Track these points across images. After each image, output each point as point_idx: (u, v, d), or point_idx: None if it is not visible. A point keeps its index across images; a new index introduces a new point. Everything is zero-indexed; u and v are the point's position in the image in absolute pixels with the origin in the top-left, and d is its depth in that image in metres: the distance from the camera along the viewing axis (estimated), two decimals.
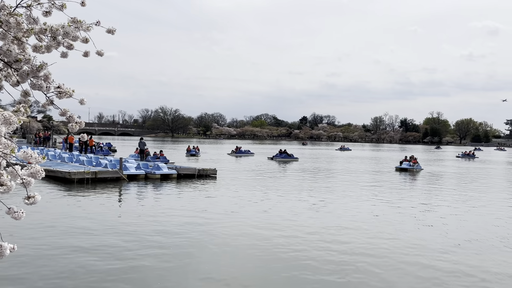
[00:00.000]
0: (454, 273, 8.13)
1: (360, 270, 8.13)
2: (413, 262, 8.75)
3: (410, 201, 17.16)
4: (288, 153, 43.24)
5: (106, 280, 7.27)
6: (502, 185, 25.95)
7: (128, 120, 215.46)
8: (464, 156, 59.59)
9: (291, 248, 9.50)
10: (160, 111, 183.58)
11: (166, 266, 8.06)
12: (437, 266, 8.47)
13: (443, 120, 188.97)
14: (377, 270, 8.15)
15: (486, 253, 9.67)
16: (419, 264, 8.62)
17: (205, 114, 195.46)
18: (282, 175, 26.73)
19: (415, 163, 32.57)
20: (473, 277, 7.98)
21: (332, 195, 18.02)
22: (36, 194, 1.98)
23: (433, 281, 7.65)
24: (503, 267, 8.69)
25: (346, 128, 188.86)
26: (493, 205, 16.87)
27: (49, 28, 2.14)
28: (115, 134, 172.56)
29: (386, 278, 7.79)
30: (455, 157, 59.42)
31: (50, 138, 46.58)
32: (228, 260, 8.71)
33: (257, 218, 12.61)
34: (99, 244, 9.31)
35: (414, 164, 32.37)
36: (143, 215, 12.70)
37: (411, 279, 7.79)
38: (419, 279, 7.76)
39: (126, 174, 20.97)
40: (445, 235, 11.16)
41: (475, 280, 7.84)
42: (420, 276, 7.93)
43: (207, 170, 23.68)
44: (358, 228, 11.70)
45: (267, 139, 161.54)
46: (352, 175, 27.99)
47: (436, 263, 8.66)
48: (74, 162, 25.63)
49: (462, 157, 59.01)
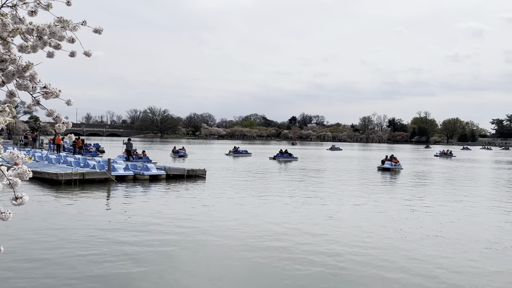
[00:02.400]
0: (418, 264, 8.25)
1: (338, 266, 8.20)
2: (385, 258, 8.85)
3: (392, 199, 17.34)
4: (289, 153, 44.62)
5: (90, 281, 7.21)
6: (476, 182, 26.34)
7: (117, 120, 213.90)
8: (441, 155, 61.00)
9: (274, 244, 9.53)
10: (149, 112, 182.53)
11: (152, 267, 8.02)
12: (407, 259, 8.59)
13: (430, 120, 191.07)
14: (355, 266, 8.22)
15: (446, 247, 9.83)
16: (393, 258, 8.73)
17: (194, 114, 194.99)
18: (272, 175, 26.76)
19: (396, 163, 32.93)
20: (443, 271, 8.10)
21: (317, 195, 18.12)
22: (23, 195, 1.96)
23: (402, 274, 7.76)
24: (478, 262, 8.84)
25: (335, 128, 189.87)
26: (466, 201, 17.14)
27: (35, 27, 2.13)
28: (103, 134, 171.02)
29: (363, 272, 7.87)
30: (433, 156, 60.48)
31: (37, 139, 45.99)
32: (214, 261, 8.70)
33: (244, 218, 12.62)
34: (86, 246, 9.23)
35: (396, 164, 32.73)
36: (131, 217, 12.62)
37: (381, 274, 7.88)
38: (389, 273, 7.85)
39: (115, 175, 20.81)
40: (413, 230, 11.32)
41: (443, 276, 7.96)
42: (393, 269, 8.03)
43: (196, 170, 23.61)
44: (336, 225, 11.79)
45: (256, 139, 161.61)
46: (338, 174, 28.16)
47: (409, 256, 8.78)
48: (61, 163, 25.35)
49: (440, 156, 60.47)
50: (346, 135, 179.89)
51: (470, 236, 11.25)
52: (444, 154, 61.99)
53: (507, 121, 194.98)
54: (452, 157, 59.33)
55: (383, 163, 33.10)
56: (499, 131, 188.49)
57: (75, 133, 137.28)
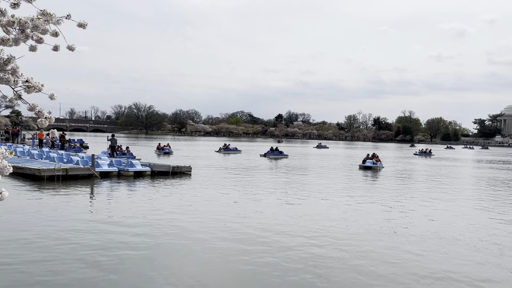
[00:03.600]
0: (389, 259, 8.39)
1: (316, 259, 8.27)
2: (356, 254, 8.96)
3: (372, 197, 17.55)
4: (279, 150, 45.26)
5: (69, 279, 7.14)
6: (454, 180, 26.84)
7: (101, 116, 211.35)
8: (421, 154, 62.13)
9: (256, 242, 9.57)
10: (134, 108, 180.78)
11: (133, 266, 7.98)
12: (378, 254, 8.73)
13: (414, 119, 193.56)
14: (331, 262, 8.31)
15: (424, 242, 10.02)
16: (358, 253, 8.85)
17: (180, 110, 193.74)
18: (259, 172, 26.79)
19: (378, 161, 33.01)
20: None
21: (299, 193, 18.22)
22: (3, 190, 1.93)
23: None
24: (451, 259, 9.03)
25: (321, 126, 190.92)
26: (443, 199, 17.47)
27: (17, 20, 2.09)
28: (87, 130, 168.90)
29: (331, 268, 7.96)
30: (412, 155, 61.50)
31: (19, 134, 45.18)
32: (196, 259, 8.69)
33: (227, 216, 12.61)
34: (68, 244, 9.11)
35: (377, 162, 32.81)
36: (114, 213, 12.51)
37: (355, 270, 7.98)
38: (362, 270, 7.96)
39: (98, 171, 20.58)
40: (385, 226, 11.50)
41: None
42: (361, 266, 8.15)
43: (181, 167, 23.50)
44: (316, 224, 11.90)
45: (242, 136, 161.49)
46: (321, 172, 28.36)
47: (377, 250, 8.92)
48: (44, 158, 24.95)
49: (420, 154, 61.57)
50: (331, 133, 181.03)
51: (445, 233, 11.45)
52: (423, 152, 63.14)
53: (489, 121, 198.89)
54: (432, 156, 60.35)
55: (365, 162, 33.15)
56: (481, 131, 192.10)
57: (58, 128, 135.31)
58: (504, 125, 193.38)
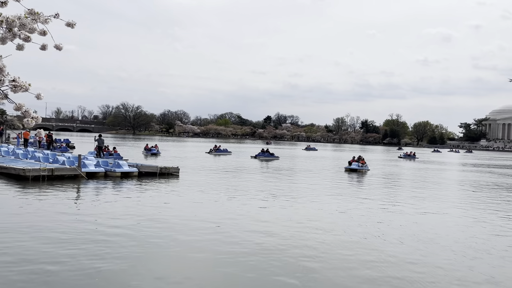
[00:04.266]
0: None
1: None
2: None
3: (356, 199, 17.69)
4: (270, 152, 45.59)
5: (49, 281, 7.05)
6: (438, 183, 27.22)
7: (88, 116, 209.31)
8: (405, 156, 62.97)
9: (241, 244, 9.57)
10: (122, 108, 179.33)
11: (120, 268, 7.91)
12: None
13: (402, 122, 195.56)
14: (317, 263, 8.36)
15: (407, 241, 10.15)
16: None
17: (168, 111, 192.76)
18: (247, 174, 26.78)
19: (363, 164, 32.88)
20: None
21: (285, 195, 18.28)
22: None
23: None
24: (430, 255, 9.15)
25: (309, 128, 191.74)
26: (427, 201, 17.71)
27: (4, 19, 2.07)
28: (74, 130, 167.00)
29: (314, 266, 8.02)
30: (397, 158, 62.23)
31: (3, 133, 44.43)
32: (182, 260, 8.66)
33: (215, 216, 12.59)
34: (52, 246, 8.99)
35: (363, 165, 32.69)
36: (99, 215, 12.38)
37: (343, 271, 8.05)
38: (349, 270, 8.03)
39: (85, 171, 20.36)
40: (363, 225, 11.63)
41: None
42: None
43: (169, 168, 23.37)
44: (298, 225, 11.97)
45: (231, 138, 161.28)
46: (305, 175, 28.48)
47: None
48: (29, 158, 24.59)
49: (404, 157, 62.39)
50: (320, 135, 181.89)
51: (423, 235, 11.60)
52: (407, 155, 64.01)
53: (474, 125, 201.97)
54: (416, 158, 61.15)
55: (350, 164, 33.08)
56: (467, 135, 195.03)
57: (44, 128, 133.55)
58: (489, 129, 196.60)
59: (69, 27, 2.34)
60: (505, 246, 10.81)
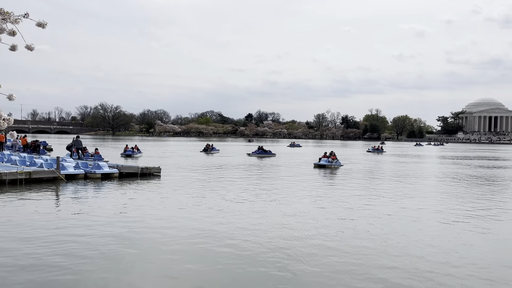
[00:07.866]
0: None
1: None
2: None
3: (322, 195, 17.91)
4: (265, 150, 47.11)
5: (32, 283, 6.93)
6: (407, 177, 27.78)
7: (66, 117, 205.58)
8: (374, 150, 64.32)
9: (224, 244, 9.59)
10: (100, 108, 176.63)
11: (96, 270, 7.82)
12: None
13: (381, 117, 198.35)
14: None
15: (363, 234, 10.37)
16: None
17: (148, 111, 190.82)
18: (227, 171, 26.74)
19: (334, 159, 32.53)
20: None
21: (245, 192, 18.37)
22: None
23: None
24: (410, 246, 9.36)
25: (291, 125, 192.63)
26: (395, 193, 18.08)
27: None
28: (51, 132, 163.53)
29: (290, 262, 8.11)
30: (366, 152, 63.38)
31: None
32: (160, 262, 8.62)
33: (197, 214, 12.55)
34: (31, 252, 8.82)
35: (333, 160, 32.34)
36: (79, 217, 12.18)
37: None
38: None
39: (64, 174, 19.99)
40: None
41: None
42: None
43: (150, 168, 23.15)
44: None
45: (212, 136, 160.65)
46: (272, 172, 28.65)
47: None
48: (5, 162, 24.00)
49: (372, 151, 63.82)
50: (301, 132, 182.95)
51: (388, 228, 11.83)
52: (376, 149, 65.41)
53: (451, 118, 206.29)
54: (383, 152, 62.71)
55: (320, 160, 32.87)
56: (444, 128, 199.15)
57: (18, 130, 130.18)
58: (466, 122, 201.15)
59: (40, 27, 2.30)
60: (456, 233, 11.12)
